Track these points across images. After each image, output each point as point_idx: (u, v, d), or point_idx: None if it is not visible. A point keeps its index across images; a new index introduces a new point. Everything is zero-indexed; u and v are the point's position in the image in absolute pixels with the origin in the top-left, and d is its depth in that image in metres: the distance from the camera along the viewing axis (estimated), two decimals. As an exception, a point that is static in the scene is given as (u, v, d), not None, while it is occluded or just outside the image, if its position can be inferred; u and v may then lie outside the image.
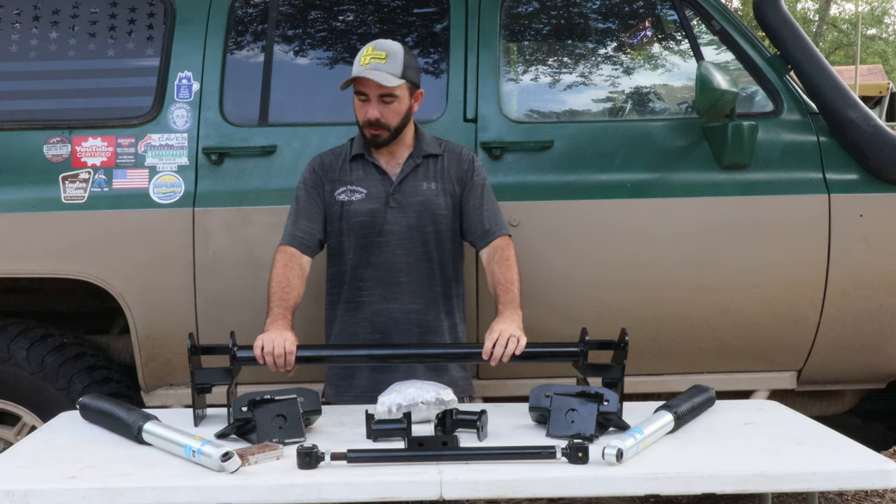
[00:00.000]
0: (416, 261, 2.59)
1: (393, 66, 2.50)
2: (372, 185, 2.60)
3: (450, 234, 2.63)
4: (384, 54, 2.51)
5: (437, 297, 2.62)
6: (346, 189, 2.60)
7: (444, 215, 2.61)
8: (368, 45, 2.54)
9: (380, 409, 2.24)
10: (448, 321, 2.64)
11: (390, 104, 2.52)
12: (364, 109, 2.53)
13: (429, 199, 2.59)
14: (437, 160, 2.64)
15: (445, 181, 2.62)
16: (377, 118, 2.52)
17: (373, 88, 2.50)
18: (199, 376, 2.30)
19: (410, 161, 2.61)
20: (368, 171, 2.62)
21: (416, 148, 2.63)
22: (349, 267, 2.61)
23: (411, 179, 2.60)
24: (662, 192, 2.92)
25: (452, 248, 2.64)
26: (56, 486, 1.82)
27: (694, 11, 3.06)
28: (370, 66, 2.49)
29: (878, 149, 2.91)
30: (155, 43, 3.01)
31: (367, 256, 2.59)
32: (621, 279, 2.91)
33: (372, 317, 2.59)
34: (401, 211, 2.58)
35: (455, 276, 2.66)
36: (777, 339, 3.00)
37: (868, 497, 3.95)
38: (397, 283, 2.58)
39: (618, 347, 2.36)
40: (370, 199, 2.58)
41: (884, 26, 32.39)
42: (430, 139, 2.67)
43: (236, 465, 1.85)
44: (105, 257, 2.87)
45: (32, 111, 3.00)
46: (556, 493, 1.88)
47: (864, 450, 2.05)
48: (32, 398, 2.92)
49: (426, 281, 2.60)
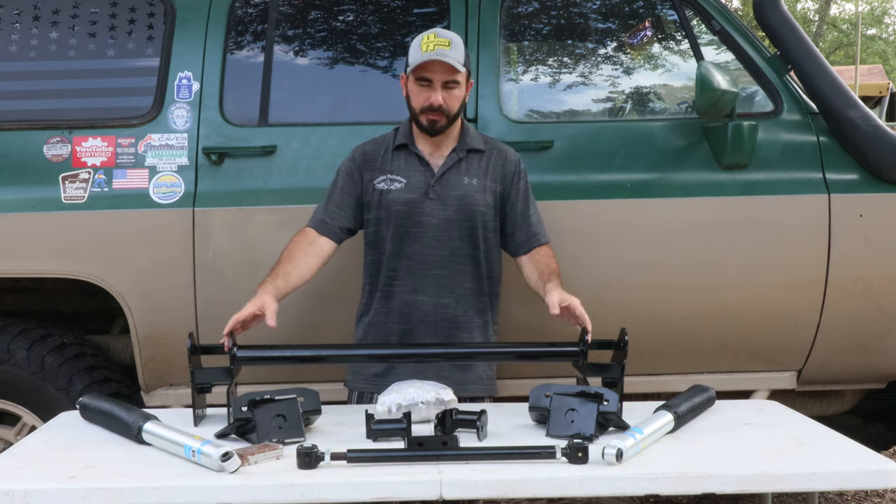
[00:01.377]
0: (450, 255, 2.59)
1: (457, 53, 2.51)
2: (412, 175, 2.59)
3: (487, 233, 2.62)
4: (448, 41, 2.51)
5: (468, 293, 2.61)
6: (386, 178, 2.60)
7: (483, 212, 2.60)
8: (429, 33, 2.54)
9: (380, 409, 2.24)
10: (479, 318, 2.63)
11: (453, 90, 2.53)
12: (426, 94, 2.52)
13: (469, 195, 2.58)
14: (481, 157, 2.64)
15: (488, 179, 2.62)
16: (440, 104, 2.52)
17: (439, 73, 2.50)
18: (199, 376, 2.30)
19: (454, 154, 2.61)
20: (410, 161, 2.61)
21: (460, 142, 2.62)
22: (385, 256, 2.60)
23: (453, 173, 2.60)
24: (662, 192, 2.93)
25: (488, 247, 2.63)
26: (56, 486, 1.81)
27: (694, 11, 3.06)
28: (438, 52, 2.48)
29: (878, 149, 2.91)
30: (155, 43, 3.01)
31: (402, 247, 2.58)
32: (621, 279, 2.91)
33: (401, 307, 2.59)
34: (439, 203, 2.57)
35: (489, 275, 2.65)
36: (777, 339, 3.00)
37: (868, 497, 3.95)
38: (429, 275, 2.58)
39: (618, 347, 2.36)
40: (409, 189, 2.58)
41: (884, 26, 32.39)
42: (475, 135, 2.68)
43: (236, 465, 1.85)
44: (105, 257, 2.87)
45: (32, 111, 3.00)
46: (556, 493, 1.88)
47: (864, 450, 2.04)
48: (32, 398, 2.92)
49: (458, 276, 2.60)
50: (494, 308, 2.69)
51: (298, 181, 2.89)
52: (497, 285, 2.69)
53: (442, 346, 2.56)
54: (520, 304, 2.87)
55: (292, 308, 2.77)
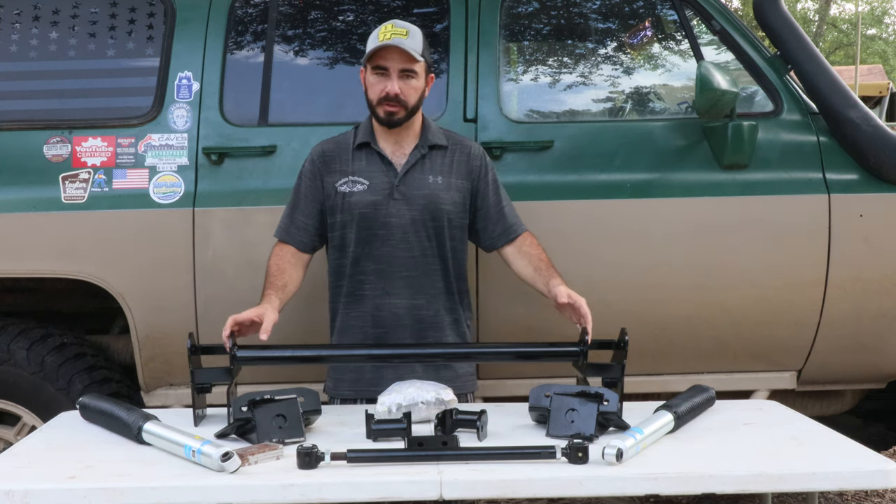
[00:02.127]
0: (420, 255, 2.56)
1: (414, 42, 2.48)
2: (375, 176, 2.56)
3: (454, 231, 2.60)
4: (405, 31, 2.48)
5: (440, 292, 2.60)
6: (348, 180, 2.56)
7: (450, 210, 2.58)
8: (387, 23, 2.51)
9: (380, 409, 2.24)
10: (450, 317, 2.62)
11: (410, 80, 2.49)
12: (382, 84, 2.49)
13: (434, 193, 2.56)
14: (444, 153, 2.60)
15: (453, 176, 2.59)
16: (397, 93, 2.48)
17: (396, 61, 2.47)
18: (199, 376, 2.30)
19: (416, 152, 2.57)
20: (372, 161, 2.57)
21: (422, 138, 2.59)
22: (350, 260, 2.57)
23: (417, 172, 2.57)
24: (662, 192, 2.93)
25: (456, 244, 2.61)
26: (56, 486, 1.81)
27: (694, 11, 3.06)
28: (393, 40, 2.45)
29: (878, 149, 2.91)
30: (155, 43, 3.01)
31: (369, 249, 2.56)
32: (621, 279, 2.91)
33: (373, 311, 2.57)
34: (405, 203, 2.55)
35: (459, 273, 2.64)
36: (777, 339, 3.00)
37: (868, 497, 3.95)
38: (399, 277, 2.56)
39: (618, 347, 2.36)
40: (372, 190, 2.54)
41: (884, 26, 32.39)
42: (436, 129, 2.64)
43: (236, 465, 1.85)
44: (105, 257, 2.87)
45: (32, 111, 3.00)
46: (556, 493, 1.88)
47: (864, 450, 2.04)
48: (32, 398, 2.92)
49: (429, 276, 2.58)
50: (465, 305, 2.67)
51: (298, 181, 2.89)
52: (464, 282, 2.68)
53: (443, 347, 2.56)
54: (520, 304, 2.87)
55: (290, 309, 2.78)
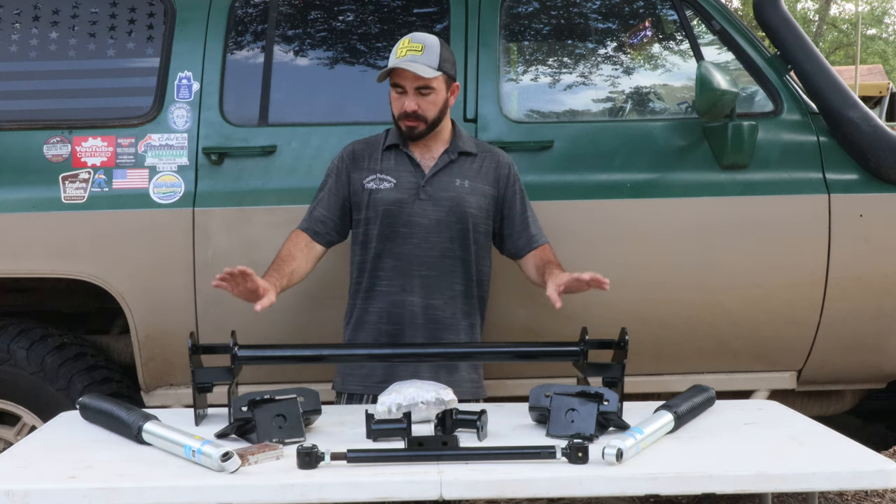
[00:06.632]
0: (440, 256, 2.58)
1: (429, 57, 2.50)
2: (402, 175, 2.59)
3: (478, 236, 2.62)
4: (420, 46, 2.51)
5: (458, 295, 2.61)
6: (376, 177, 2.59)
7: (475, 215, 2.60)
8: (405, 38, 2.55)
9: (380, 408, 2.24)
10: (466, 321, 2.63)
11: (427, 96, 2.52)
12: (401, 101, 2.54)
13: (460, 196, 2.58)
14: (473, 160, 2.64)
15: (479, 181, 2.62)
16: (414, 110, 2.52)
17: (409, 80, 2.51)
18: (200, 376, 2.30)
19: (445, 156, 2.61)
20: (401, 161, 2.61)
21: (452, 144, 2.63)
22: (372, 255, 2.60)
23: (444, 174, 2.60)
24: (662, 192, 2.93)
25: (478, 249, 2.63)
26: (56, 486, 1.81)
27: (694, 11, 3.06)
28: (407, 58, 2.49)
29: (878, 149, 2.91)
30: (155, 43, 3.01)
31: (391, 246, 2.58)
32: (621, 279, 2.89)
33: (389, 307, 2.59)
34: (431, 203, 2.57)
35: (478, 278, 2.64)
36: (777, 339, 3.00)
37: (868, 497, 3.95)
38: (417, 275, 2.58)
39: (618, 347, 2.36)
40: (399, 189, 2.58)
41: (884, 26, 32.37)
42: (467, 138, 2.68)
43: (236, 465, 1.85)
44: (105, 257, 2.87)
45: (32, 111, 2.99)
46: (556, 493, 1.88)
47: (864, 450, 2.04)
48: (32, 398, 2.92)
49: (447, 277, 2.59)
50: (482, 311, 2.69)
51: (298, 181, 2.89)
52: (485, 289, 2.69)
53: (442, 346, 2.56)
54: (520, 305, 2.87)
55: (291, 309, 2.78)
